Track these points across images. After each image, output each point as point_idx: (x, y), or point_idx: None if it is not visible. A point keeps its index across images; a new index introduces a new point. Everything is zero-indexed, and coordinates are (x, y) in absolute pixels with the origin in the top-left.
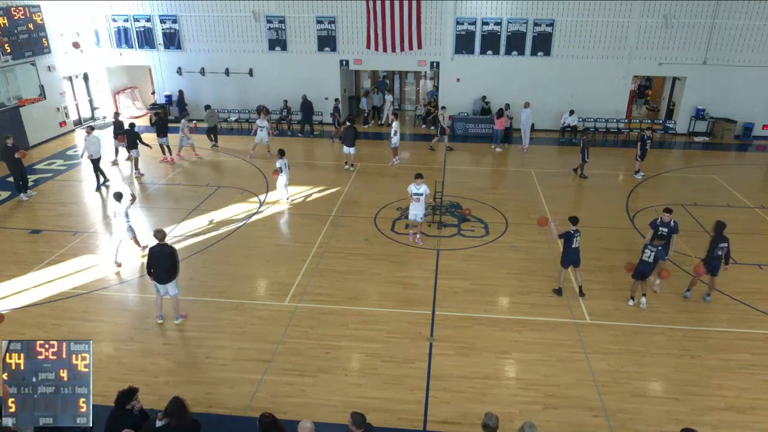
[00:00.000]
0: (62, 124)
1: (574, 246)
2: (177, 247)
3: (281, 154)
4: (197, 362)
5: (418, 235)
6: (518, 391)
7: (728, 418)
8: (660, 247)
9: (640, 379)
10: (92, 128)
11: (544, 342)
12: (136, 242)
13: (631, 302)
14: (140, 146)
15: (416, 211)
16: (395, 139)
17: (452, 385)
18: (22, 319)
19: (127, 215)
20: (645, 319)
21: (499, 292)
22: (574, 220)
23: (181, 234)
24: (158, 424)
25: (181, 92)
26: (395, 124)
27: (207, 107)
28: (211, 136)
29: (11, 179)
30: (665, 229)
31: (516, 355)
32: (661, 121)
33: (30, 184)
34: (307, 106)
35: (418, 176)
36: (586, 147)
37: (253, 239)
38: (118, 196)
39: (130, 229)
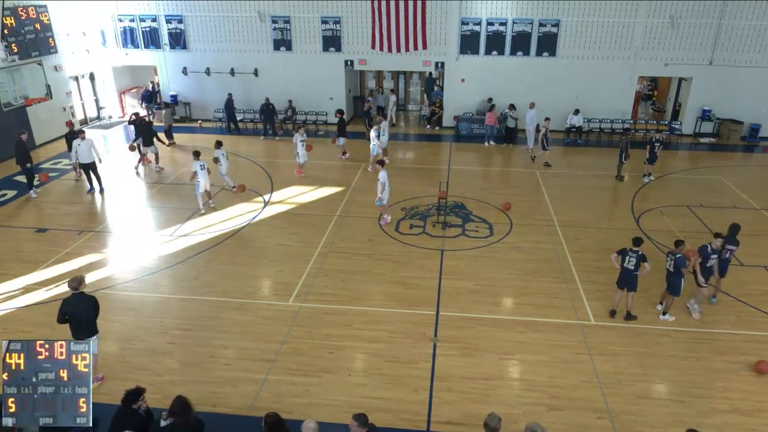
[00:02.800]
0: (68, 123)
1: (625, 265)
2: (182, 246)
3: (196, 155)
4: (201, 362)
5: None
6: (522, 392)
7: (734, 420)
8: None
9: (644, 381)
10: (83, 132)
11: (548, 343)
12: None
13: (660, 307)
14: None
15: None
16: (384, 139)
17: (456, 386)
18: (28, 318)
19: None
20: (650, 320)
21: (503, 292)
22: (636, 241)
23: (185, 233)
24: (163, 423)
25: (230, 96)
26: (384, 124)
27: (166, 105)
28: (169, 135)
29: (21, 177)
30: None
31: (520, 356)
32: (667, 122)
33: (35, 183)
34: (267, 108)
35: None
36: (625, 147)
37: (258, 239)
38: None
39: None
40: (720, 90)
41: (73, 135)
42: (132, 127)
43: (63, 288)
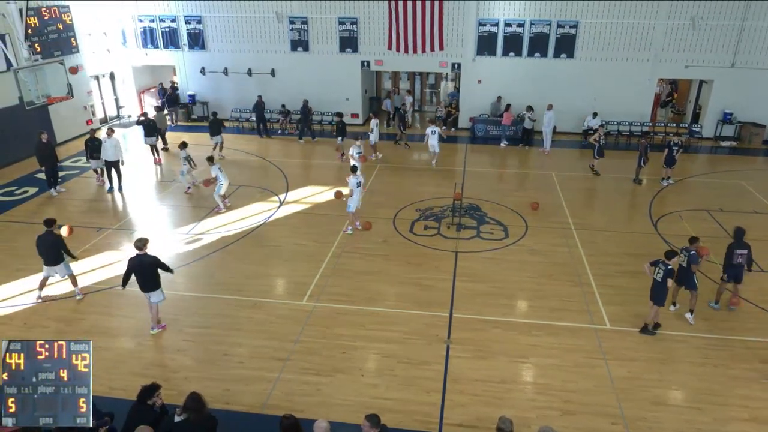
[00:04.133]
0: (89, 122)
1: (654, 276)
2: (198, 244)
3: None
4: (215, 359)
5: (357, 223)
6: (535, 395)
7: (752, 429)
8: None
9: (660, 387)
10: (112, 130)
11: (562, 347)
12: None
13: (672, 308)
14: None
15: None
16: (372, 137)
17: (469, 388)
18: (47, 313)
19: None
20: (667, 326)
21: (517, 295)
22: (668, 254)
23: (201, 232)
24: (177, 419)
25: (260, 98)
26: (373, 122)
27: (158, 109)
28: (162, 139)
29: (41, 175)
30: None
31: (533, 359)
32: (686, 125)
33: (58, 179)
34: (305, 110)
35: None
36: (644, 151)
37: (273, 238)
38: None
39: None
40: (742, 93)
41: (93, 140)
42: (141, 127)
43: (83, 283)
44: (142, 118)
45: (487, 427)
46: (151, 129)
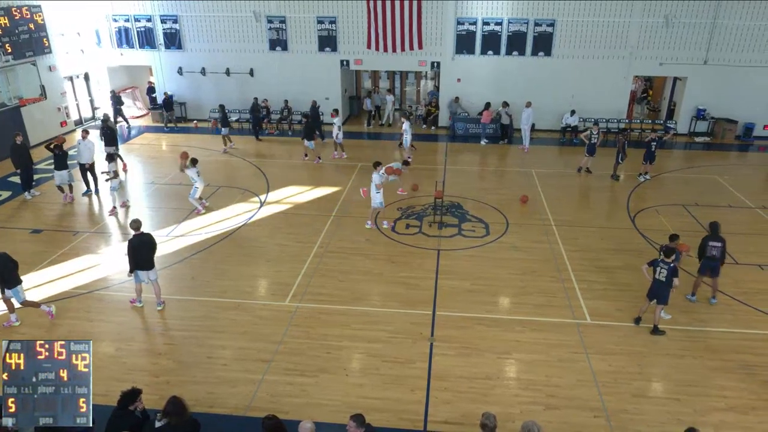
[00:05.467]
0: (63, 123)
1: (657, 277)
2: (179, 246)
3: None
4: (198, 362)
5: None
6: (519, 391)
7: (730, 419)
8: (673, 264)
9: (641, 379)
10: (87, 132)
11: (545, 342)
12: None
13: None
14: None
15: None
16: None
17: (453, 386)
18: (23, 319)
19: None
20: (646, 319)
21: (500, 292)
22: (667, 252)
23: (182, 233)
24: (158, 424)
25: (255, 100)
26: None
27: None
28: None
29: (15, 178)
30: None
31: (517, 355)
32: (661, 122)
33: (33, 183)
34: (315, 112)
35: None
36: (622, 148)
37: (254, 239)
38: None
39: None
40: (714, 89)
41: (59, 150)
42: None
43: (60, 288)
44: (102, 126)
45: (473, 423)
46: (111, 138)
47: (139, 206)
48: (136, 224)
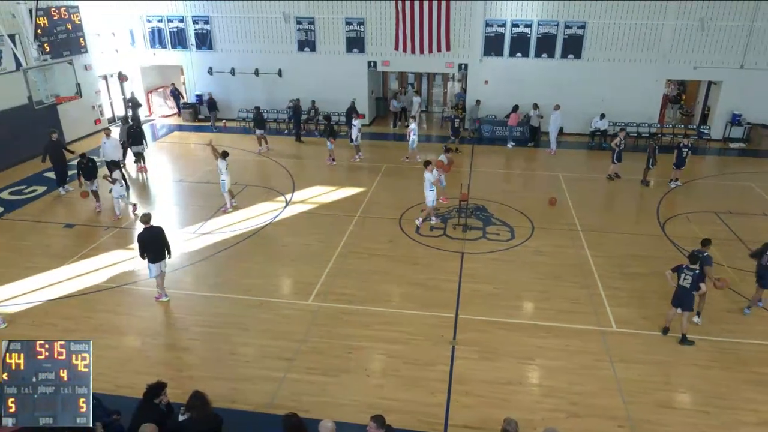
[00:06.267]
0: (97, 121)
1: (681, 283)
2: (204, 243)
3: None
4: (221, 358)
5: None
6: (541, 397)
7: None
8: (698, 271)
9: (667, 389)
10: (109, 130)
11: (568, 349)
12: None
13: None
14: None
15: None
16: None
17: (474, 390)
18: (55, 311)
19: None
20: (674, 328)
21: (523, 296)
22: (692, 258)
23: (208, 231)
24: (180, 417)
25: (298, 101)
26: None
27: (124, 120)
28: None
29: (51, 174)
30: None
31: (539, 361)
32: (695, 126)
33: (67, 178)
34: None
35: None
36: (652, 152)
37: (279, 238)
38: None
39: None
40: (751, 94)
41: (88, 161)
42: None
43: (90, 282)
44: (130, 124)
45: (493, 429)
46: (139, 137)
47: (167, 203)
48: (146, 218)
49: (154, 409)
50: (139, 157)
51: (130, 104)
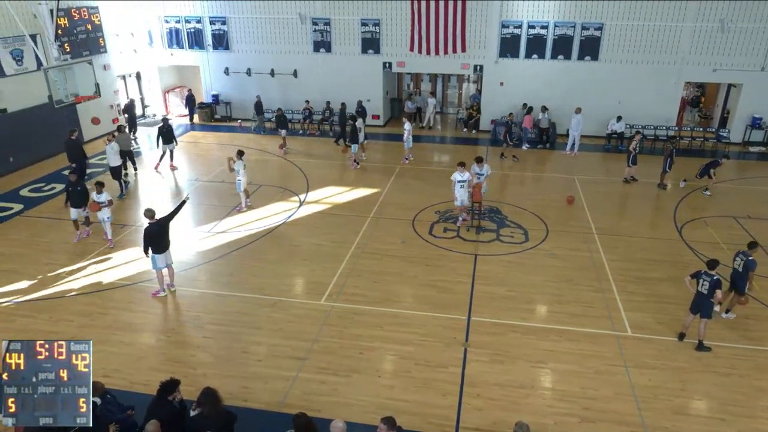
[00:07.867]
0: (115, 120)
1: (699, 289)
2: (219, 242)
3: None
4: (234, 356)
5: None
6: (553, 402)
7: None
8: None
9: (683, 396)
10: (113, 135)
11: (581, 353)
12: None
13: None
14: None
15: (462, 197)
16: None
17: (486, 392)
18: (72, 307)
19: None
20: (691, 334)
21: (536, 299)
22: (711, 264)
23: (222, 230)
24: (192, 413)
25: (343, 105)
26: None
27: (120, 129)
28: (127, 162)
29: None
30: None
31: (552, 364)
32: (713, 130)
33: (85, 176)
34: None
35: (461, 164)
36: (670, 156)
37: (292, 238)
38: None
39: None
40: None
41: (76, 186)
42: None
43: (107, 278)
44: (161, 124)
45: None
46: (169, 135)
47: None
48: (150, 213)
49: (168, 406)
50: (170, 154)
51: (126, 114)
